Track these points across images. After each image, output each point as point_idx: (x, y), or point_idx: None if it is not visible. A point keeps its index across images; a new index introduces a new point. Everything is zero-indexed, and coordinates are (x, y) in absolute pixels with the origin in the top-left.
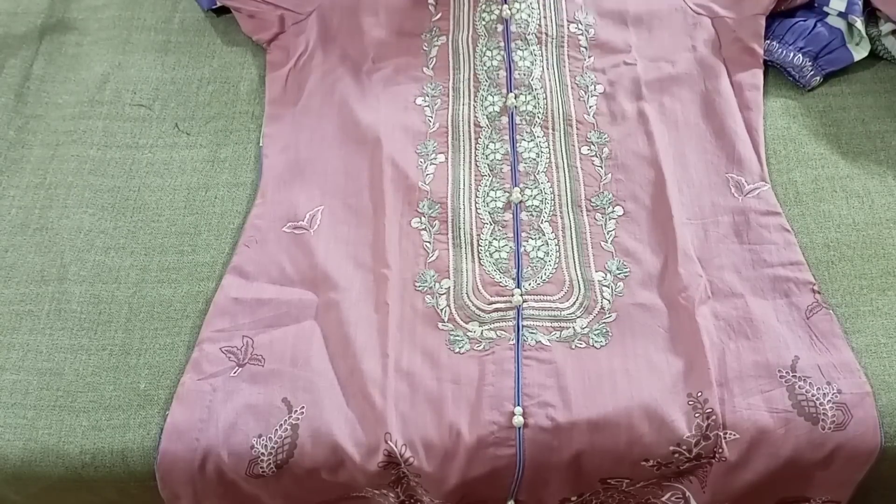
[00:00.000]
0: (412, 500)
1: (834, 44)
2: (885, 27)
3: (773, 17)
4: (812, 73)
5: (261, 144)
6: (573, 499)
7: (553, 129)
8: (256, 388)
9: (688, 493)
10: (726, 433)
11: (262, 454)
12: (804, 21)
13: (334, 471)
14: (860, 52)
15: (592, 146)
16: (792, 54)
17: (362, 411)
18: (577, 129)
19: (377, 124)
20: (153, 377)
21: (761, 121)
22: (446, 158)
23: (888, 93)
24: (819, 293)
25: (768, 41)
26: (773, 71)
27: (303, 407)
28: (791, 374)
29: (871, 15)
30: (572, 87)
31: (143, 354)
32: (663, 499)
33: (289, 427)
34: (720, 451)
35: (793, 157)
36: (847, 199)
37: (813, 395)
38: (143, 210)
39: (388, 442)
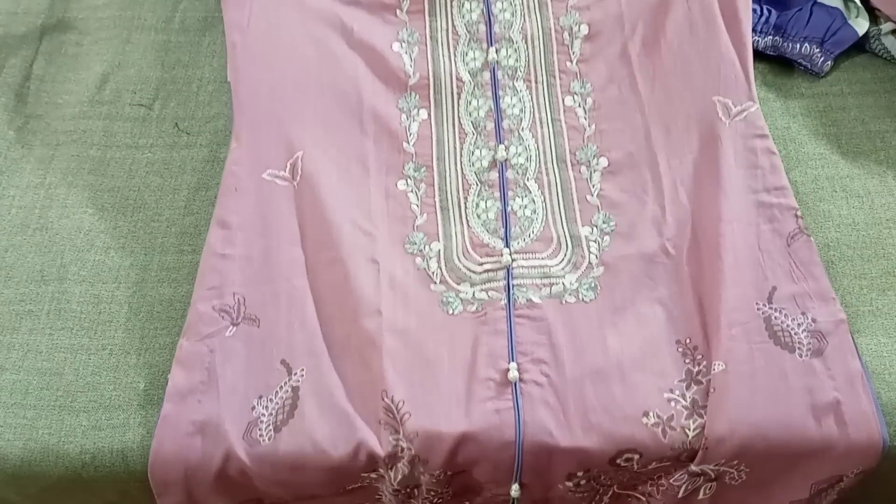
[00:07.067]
0: (409, 489)
1: (835, 24)
2: (885, 27)
3: (771, 10)
4: (822, 58)
5: (228, 79)
6: (579, 474)
7: (536, 82)
8: (254, 350)
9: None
10: (713, 364)
11: (263, 415)
12: (801, 10)
13: (335, 441)
14: (861, 25)
15: (576, 96)
16: (798, 45)
17: (359, 371)
18: (560, 79)
19: (356, 71)
20: (153, 377)
21: (749, 34)
22: (429, 115)
23: (888, 93)
24: (801, 218)
25: (771, 37)
26: (774, 70)
27: (302, 369)
28: (767, 306)
29: (871, 14)
30: (555, 30)
31: (143, 354)
32: (673, 479)
33: (290, 389)
34: (711, 384)
35: (793, 157)
36: (847, 199)
37: (788, 326)
38: (143, 210)
39: (385, 398)
